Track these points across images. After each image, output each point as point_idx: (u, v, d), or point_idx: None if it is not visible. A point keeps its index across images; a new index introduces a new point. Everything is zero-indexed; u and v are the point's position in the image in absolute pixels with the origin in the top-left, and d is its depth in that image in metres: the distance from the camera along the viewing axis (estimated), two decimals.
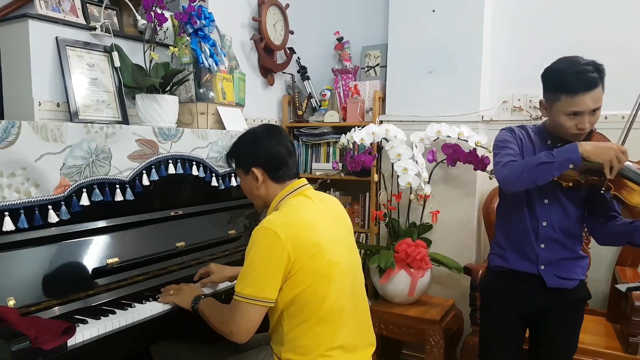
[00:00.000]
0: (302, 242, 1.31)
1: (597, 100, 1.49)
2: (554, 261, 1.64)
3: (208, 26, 2.07)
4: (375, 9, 2.94)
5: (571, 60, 1.53)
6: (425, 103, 2.62)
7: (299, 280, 1.32)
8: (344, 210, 1.57)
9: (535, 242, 1.64)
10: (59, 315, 1.37)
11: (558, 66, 1.54)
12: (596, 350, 1.94)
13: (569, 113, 1.51)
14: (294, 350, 1.36)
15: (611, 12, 2.32)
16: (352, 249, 1.51)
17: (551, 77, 1.56)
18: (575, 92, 1.47)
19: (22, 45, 1.64)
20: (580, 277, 1.68)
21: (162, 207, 1.81)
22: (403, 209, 2.58)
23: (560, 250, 1.64)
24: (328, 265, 1.36)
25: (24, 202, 1.35)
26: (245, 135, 1.51)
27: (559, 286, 1.64)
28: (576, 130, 1.53)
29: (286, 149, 1.46)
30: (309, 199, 1.45)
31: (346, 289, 1.41)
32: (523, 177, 1.53)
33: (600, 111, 1.53)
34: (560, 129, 1.57)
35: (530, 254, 1.66)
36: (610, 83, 2.16)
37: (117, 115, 1.85)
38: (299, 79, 3.09)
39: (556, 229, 1.63)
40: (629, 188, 1.45)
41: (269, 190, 1.46)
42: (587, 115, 1.50)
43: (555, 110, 1.55)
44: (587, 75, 1.47)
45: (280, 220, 1.34)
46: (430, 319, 2.28)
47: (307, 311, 1.34)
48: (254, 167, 1.44)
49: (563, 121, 1.54)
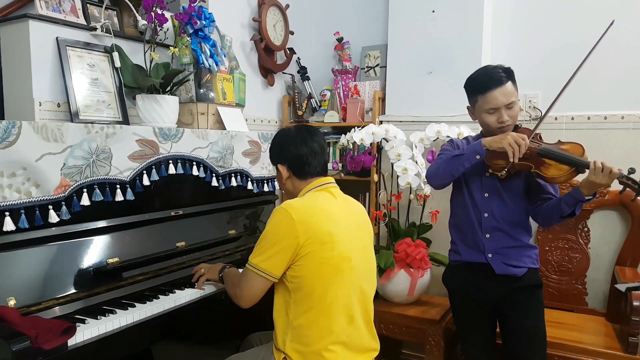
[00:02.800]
0: (314, 227, 1.38)
1: (509, 95, 1.66)
2: (500, 249, 1.75)
3: (208, 26, 2.07)
4: (375, 9, 2.94)
5: (483, 67, 1.75)
6: (425, 103, 2.62)
7: (305, 265, 1.37)
8: (366, 215, 1.62)
9: (480, 233, 1.77)
10: (60, 315, 1.37)
11: (473, 74, 1.75)
12: (596, 350, 1.94)
13: (487, 110, 1.69)
14: (297, 339, 1.38)
15: (611, 12, 2.32)
16: (367, 251, 1.55)
17: (468, 85, 1.76)
18: (486, 90, 1.66)
19: (22, 46, 1.64)
20: (530, 265, 1.76)
21: (162, 207, 1.81)
22: (403, 209, 2.58)
23: (505, 239, 1.75)
24: (337, 258, 1.40)
25: (24, 202, 1.35)
26: (278, 134, 1.64)
27: (507, 273, 1.74)
28: (498, 124, 1.69)
29: (310, 149, 1.54)
30: (332, 195, 1.52)
31: (355, 288, 1.45)
32: (440, 170, 1.76)
33: (517, 106, 1.69)
34: (487, 128, 1.74)
35: (477, 244, 1.78)
36: (610, 83, 2.17)
37: (117, 115, 1.85)
38: (299, 79, 3.09)
39: (498, 220, 1.75)
40: (546, 164, 1.63)
41: (294, 185, 1.57)
42: (504, 109, 1.66)
43: (477, 111, 1.74)
44: (494, 74, 1.67)
45: (298, 204, 1.43)
46: (430, 318, 2.28)
47: (311, 299, 1.38)
48: (279, 164, 1.57)
49: (485, 119, 1.71)
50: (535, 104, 2.49)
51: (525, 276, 1.75)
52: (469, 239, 1.80)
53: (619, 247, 2.30)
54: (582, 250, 2.35)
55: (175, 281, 1.71)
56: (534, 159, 1.64)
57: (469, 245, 1.81)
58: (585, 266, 2.34)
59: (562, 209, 1.65)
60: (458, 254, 1.85)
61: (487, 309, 1.81)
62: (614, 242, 2.34)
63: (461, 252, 1.83)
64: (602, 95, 2.34)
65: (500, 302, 1.78)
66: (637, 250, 2.25)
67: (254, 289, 1.43)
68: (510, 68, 1.71)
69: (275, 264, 1.39)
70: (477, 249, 1.78)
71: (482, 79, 1.70)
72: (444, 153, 1.83)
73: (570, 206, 1.62)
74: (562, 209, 1.65)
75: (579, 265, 2.35)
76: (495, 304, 1.79)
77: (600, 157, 1.66)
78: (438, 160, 1.80)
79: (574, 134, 2.38)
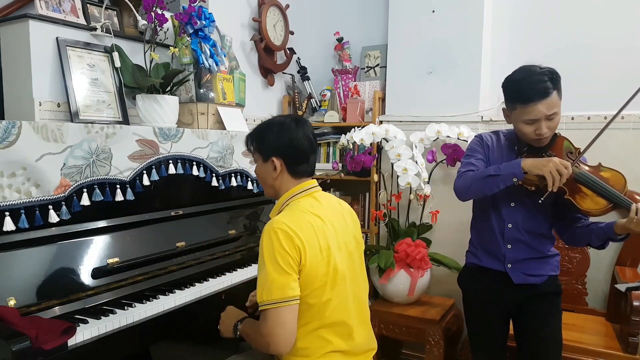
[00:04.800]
0: (310, 244, 1.31)
1: (551, 107, 1.54)
2: (521, 261, 1.69)
3: (208, 26, 2.07)
4: (375, 9, 2.94)
5: (527, 69, 1.58)
6: (425, 103, 2.62)
7: (304, 282, 1.31)
8: (351, 213, 1.54)
9: (502, 243, 1.71)
10: (60, 315, 1.37)
11: (515, 76, 1.61)
12: (596, 350, 1.94)
13: (525, 121, 1.58)
14: (294, 352, 1.35)
15: (611, 12, 2.32)
16: (353, 254, 1.47)
17: (508, 88, 1.63)
18: (529, 102, 1.54)
19: (22, 46, 1.64)
20: (550, 273, 1.73)
21: (162, 207, 1.81)
22: (403, 209, 2.59)
23: (526, 251, 1.69)
24: (333, 272, 1.35)
25: (24, 202, 1.35)
26: (272, 121, 1.44)
27: (526, 282, 1.70)
28: (535, 135, 1.59)
29: (310, 143, 1.42)
30: (317, 201, 1.43)
31: (348, 294, 1.41)
32: (472, 188, 1.66)
33: (559, 116, 1.58)
34: (522, 135, 1.64)
35: (497, 254, 1.72)
36: (610, 83, 2.17)
37: (117, 115, 1.85)
38: (299, 79, 3.09)
39: (522, 231, 1.68)
40: (582, 193, 1.53)
41: (283, 182, 1.43)
42: (544, 121, 1.55)
43: (514, 117, 1.63)
44: (540, 85, 1.52)
45: (288, 220, 1.31)
46: (430, 318, 2.28)
47: (310, 314, 1.34)
48: (274, 157, 1.40)
49: (522, 128, 1.60)
50: None
51: (544, 284, 1.70)
52: (489, 247, 1.74)
53: (619, 247, 2.30)
54: (582, 250, 2.35)
55: (175, 281, 1.71)
56: (570, 184, 1.53)
57: (489, 252, 1.75)
58: (585, 266, 2.34)
59: (591, 240, 1.59)
60: (477, 257, 1.79)
61: (502, 314, 1.77)
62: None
63: (480, 257, 1.78)
64: (602, 95, 2.33)
65: (517, 308, 1.74)
66: (637, 250, 2.25)
67: (287, 322, 1.26)
68: (556, 73, 1.56)
69: (295, 285, 1.27)
70: (497, 258, 1.72)
71: (525, 89, 1.54)
72: (472, 155, 1.74)
73: (600, 240, 1.57)
74: (591, 240, 1.59)
75: (579, 265, 2.35)
76: (512, 310, 1.75)
77: (600, 157, 1.67)
78: (469, 174, 1.67)
79: (574, 134, 2.36)
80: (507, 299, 1.73)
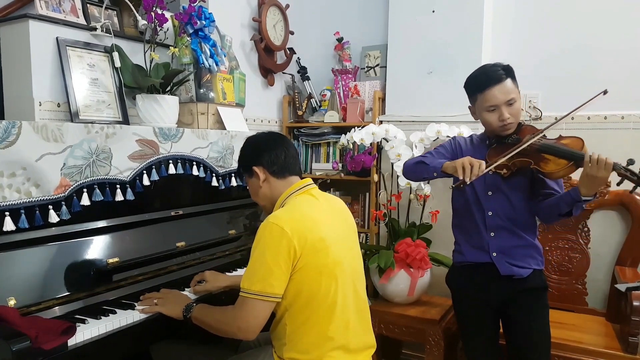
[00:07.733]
0: (307, 238, 1.32)
1: (508, 92, 1.65)
2: (505, 249, 1.74)
3: (208, 26, 2.07)
4: (375, 9, 2.94)
5: (482, 66, 1.75)
6: (425, 103, 2.62)
7: (303, 277, 1.33)
8: (348, 212, 1.58)
9: (485, 231, 1.76)
10: (60, 315, 1.37)
11: (472, 73, 1.74)
12: (596, 350, 1.94)
13: (487, 108, 1.68)
14: (295, 348, 1.36)
15: (611, 13, 2.32)
16: (354, 249, 1.51)
17: (468, 84, 1.75)
18: (485, 88, 1.66)
19: (22, 46, 1.64)
20: (534, 267, 1.75)
21: (162, 207, 1.81)
22: (403, 209, 2.58)
23: (509, 238, 1.74)
24: (332, 264, 1.36)
25: (24, 202, 1.35)
26: (248, 140, 1.56)
27: (511, 273, 1.72)
28: (499, 122, 1.68)
29: (285, 149, 1.49)
30: (314, 197, 1.47)
31: (348, 290, 1.42)
32: (411, 170, 1.82)
33: (518, 103, 1.68)
34: (488, 126, 1.73)
35: (482, 243, 1.76)
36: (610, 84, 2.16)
37: (117, 115, 1.85)
38: (299, 79, 3.09)
39: (502, 218, 1.74)
40: (545, 160, 1.63)
41: (272, 188, 1.48)
42: (504, 107, 1.65)
43: (478, 110, 1.73)
44: (494, 73, 1.66)
45: (286, 215, 1.35)
46: (430, 318, 2.28)
47: (309, 310, 1.35)
48: (254, 166, 1.47)
49: (487, 118, 1.70)
50: (536, 104, 2.49)
51: (530, 278, 1.73)
52: (473, 238, 1.79)
53: (619, 247, 2.30)
54: (582, 250, 2.35)
55: (175, 281, 1.71)
56: (534, 155, 1.64)
57: (473, 245, 1.79)
58: (585, 266, 2.34)
59: (560, 207, 1.64)
60: (462, 254, 1.83)
61: (491, 311, 1.80)
62: (614, 242, 2.34)
63: (465, 252, 1.82)
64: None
65: (504, 304, 1.76)
66: (637, 250, 2.25)
67: (261, 315, 1.31)
68: (509, 65, 1.70)
69: (279, 283, 1.31)
70: (481, 248, 1.76)
71: (480, 78, 1.69)
72: (436, 149, 1.85)
73: (568, 205, 1.61)
74: (560, 207, 1.64)
75: (579, 265, 2.35)
76: (500, 306, 1.78)
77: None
78: (419, 157, 1.82)
79: (574, 134, 2.36)
80: (495, 294, 1.76)
